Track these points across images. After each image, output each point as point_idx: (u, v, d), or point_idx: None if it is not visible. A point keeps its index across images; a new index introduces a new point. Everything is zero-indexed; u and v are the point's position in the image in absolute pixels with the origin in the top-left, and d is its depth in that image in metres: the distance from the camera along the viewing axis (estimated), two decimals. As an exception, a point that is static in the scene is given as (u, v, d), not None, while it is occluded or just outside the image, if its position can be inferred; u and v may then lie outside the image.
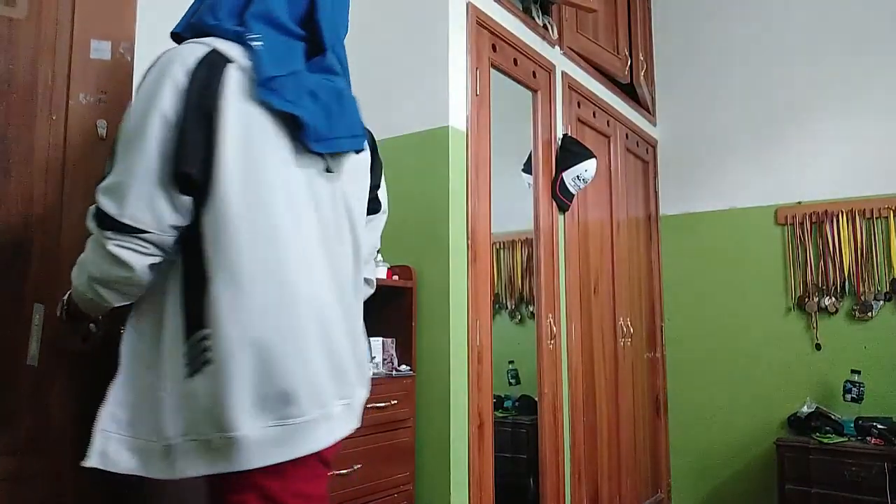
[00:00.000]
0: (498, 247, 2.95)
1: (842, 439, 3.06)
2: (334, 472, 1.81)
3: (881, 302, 3.29)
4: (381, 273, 2.15)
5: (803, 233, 3.50)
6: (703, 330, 3.76)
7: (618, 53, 3.52)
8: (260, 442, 0.95)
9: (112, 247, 0.97)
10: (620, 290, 3.35)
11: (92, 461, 0.98)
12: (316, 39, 1.09)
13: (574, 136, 2.94)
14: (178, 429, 0.96)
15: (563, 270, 2.84)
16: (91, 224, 1.00)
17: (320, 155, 1.08)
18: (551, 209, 2.80)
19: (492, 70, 2.48)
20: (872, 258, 3.32)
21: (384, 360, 2.15)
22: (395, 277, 2.20)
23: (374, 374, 2.07)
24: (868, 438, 3.01)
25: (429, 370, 2.18)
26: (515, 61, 2.63)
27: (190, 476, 0.97)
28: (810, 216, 3.49)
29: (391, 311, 2.24)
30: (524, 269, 3.00)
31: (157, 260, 1.00)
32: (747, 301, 3.63)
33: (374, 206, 1.29)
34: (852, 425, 3.13)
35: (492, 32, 2.48)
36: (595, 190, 3.14)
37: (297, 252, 1.02)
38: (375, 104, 2.47)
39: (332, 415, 1.03)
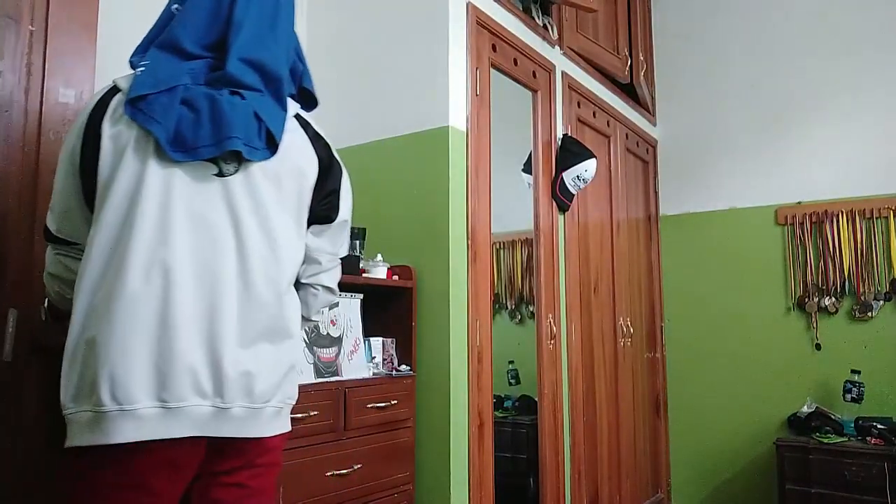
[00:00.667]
0: (498, 247, 2.95)
1: (842, 439, 3.06)
2: (333, 471, 1.82)
3: (881, 302, 3.29)
4: (381, 273, 2.15)
5: (803, 233, 3.50)
6: (703, 330, 3.76)
7: (618, 53, 3.52)
8: (79, 424, 1.04)
9: (49, 251, 1.25)
10: (620, 290, 3.35)
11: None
12: (221, 58, 1.17)
13: (574, 136, 2.94)
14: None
15: (563, 270, 2.84)
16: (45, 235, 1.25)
17: (213, 161, 1.13)
18: (551, 209, 2.80)
19: (492, 70, 2.48)
20: (872, 258, 3.32)
21: (384, 360, 2.16)
22: (395, 277, 2.20)
23: (374, 374, 2.08)
24: (868, 438, 3.01)
25: (429, 370, 2.18)
26: (515, 61, 2.63)
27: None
28: (810, 216, 3.49)
29: (391, 311, 2.24)
30: (524, 269, 3.00)
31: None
32: (747, 301, 3.63)
33: (326, 214, 1.30)
34: (852, 425, 3.13)
35: (492, 32, 2.48)
36: (595, 190, 3.14)
37: (141, 255, 1.07)
38: (375, 104, 2.48)
39: (140, 415, 1.03)
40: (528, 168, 2.78)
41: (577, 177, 2.82)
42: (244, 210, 1.14)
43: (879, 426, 3.02)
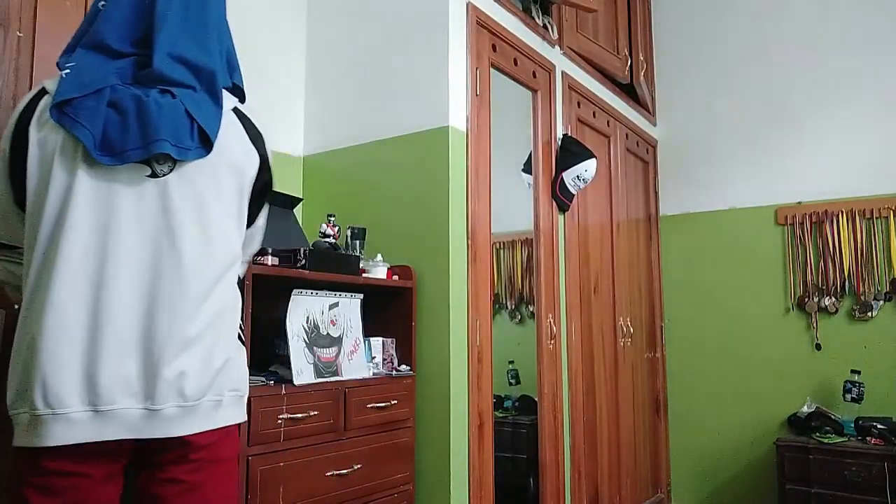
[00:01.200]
0: (498, 247, 2.95)
1: (842, 439, 3.06)
2: (333, 472, 1.82)
3: (881, 302, 3.29)
4: (382, 273, 2.15)
5: (803, 233, 3.50)
6: (703, 330, 3.76)
7: (618, 53, 3.52)
8: (20, 424, 1.07)
9: None
10: (620, 290, 3.35)
11: None
12: (149, 54, 1.15)
13: (574, 136, 2.94)
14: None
15: (563, 270, 2.84)
16: None
17: (145, 162, 1.12)
18: (551, 209, 2.80)
19: (492, 70, 2.48)
20: (872, 258, 3.32)
21: (384, 360, 2.16)
22: (395, 277, 2.20)
23: (374, 374, 2.08)
24: (868, 438, 3.01)
25: (429, 370, 2.18)
26: (515, 61, 2.63)
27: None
28: (810, 216, 3.49)
29: (391, 311, 2.24)
30: (524, 269, 3.00)
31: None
32: (747, 301, 3.63)
33: (249, 220, 1.29)
34: (852, 425, 3.12)
35: (492, 32, 2.48)
36: (595, 190, 3.14)
37: (71, 264, 1.07)
38: (375, 104, 2.48)
39: (70, 418, 1.05)
40: (528, 168, 2.78)
41: (577, 177, 2.82)
42: (181, 210, 1.13)
43: (879, 426, 3.02)
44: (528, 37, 2.73)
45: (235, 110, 1.24)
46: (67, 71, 1.12)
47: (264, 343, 1.89)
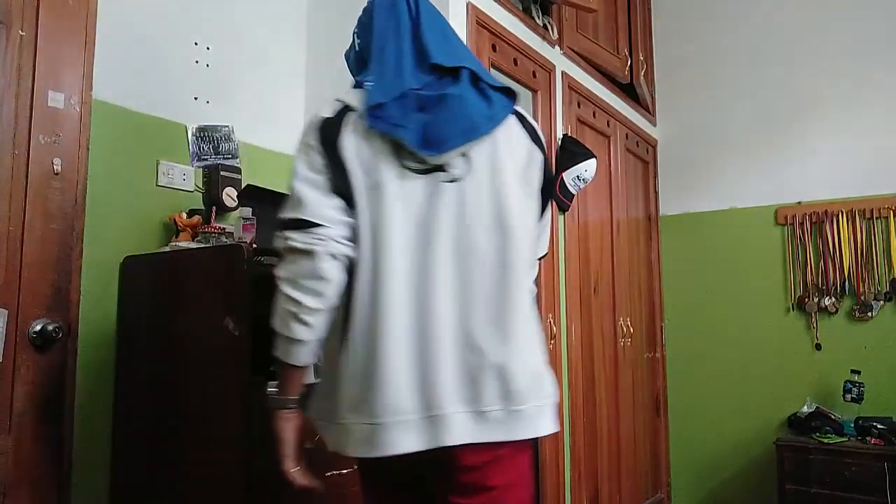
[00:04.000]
0: (498, 247, 2.95)
1: (842, 439, 3.06)
2: (333, 472, 1.81)
3: (881, 302, 3.29)
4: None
5: (803, 233, 3.50)
6: (703, 330, 3.76)
7: (618, 53, 3.52)
8: (355, 435, 1.14)
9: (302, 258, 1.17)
10: (620, 290, 3.35)
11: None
12: (430, 65, 1.25)
13: (574, 136, 2.94)
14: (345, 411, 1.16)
15: (563, 270, 2.84)
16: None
17: (440, 168, 1.19)
18: (551, 209, 2.80)
19: (492, 70, 2.48)
20: (872, 258, 3.32)
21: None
22: (395, 277, 2.19)
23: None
24: (868, 438, 3.01)
25: (429, 370, 2.18)
26: (515, 61, 2.63)
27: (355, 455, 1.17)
28: (810, 216, 3.49)
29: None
30: (524, 269, 2.99)
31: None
32: (747, 301, 3.63)
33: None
34: (852, 425, 3.12)
35: (492, 32, 2.48)
36: (595, 190, 3.14)
37: (398, 263, 1.13)
38: (375, 104, 2.47)
39: (409, 423, 1.11)
40: (528, 168, 2.77)
41: (577, 177, 2.81)
42: (480, 212, 1.18)
43: (879, 426, 3.02)
44: (528, 37, 2.73)
45: (514, 111, 1.33)
46: (371, 83, 1.22)
47: (264, 343, 1.89)
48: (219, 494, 1.56)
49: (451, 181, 1.18)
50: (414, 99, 1.20)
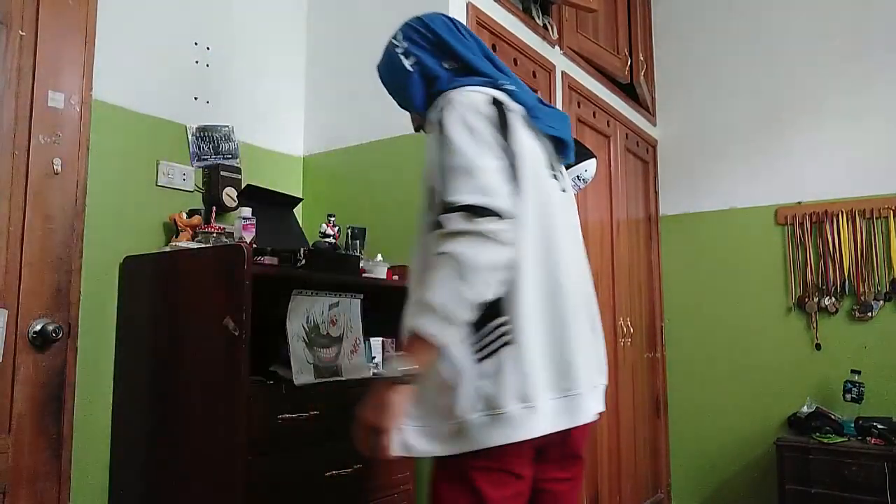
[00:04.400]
0: (498, 247, 2.95)
1: (842, 439, 3.06)
2: (333, 472, 1.82)
3: (881, 302, 3.29)
4: (382, 273, 2.15)
5: (803, 233, 3.50)
6: (703, 330, 3.76)
7: (618, 53, 3.52)
8: (548, 412, 1.17)
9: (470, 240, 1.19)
10: (620, 290, 3.35)
11: (396, 451, 1.19)
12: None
13: (574, 136, 2.94)
14: (473, 406, 1.14)
15: (563, 270, 2.84)
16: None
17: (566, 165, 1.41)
18: (551, 209, 2.80)
19: (492, 70, 2.48)
20: (872, 258, 3.32)
21: (384, 360, 2.15)
22: (395, 277, 2.20)
23: (374, 373, 2.08)
24: (868, 438, 3.01)
25: (429, 370, 2.18)
26: (515, 61, 2.63)
27: (482, 447, 1.14)
28: (810, 216, 3.49)
29: (391, 311, 2.20)
30: (524, 269, 2.99)
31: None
32: (747, 301, 3.63)
33: None
34: (852, 425, 3.12)
35: (492, 32, 2.48)
36: (595, 190, 3.14)
37: (563, 251, 1.26)
38: (376, 104, 2.46)
39: (590, 393, 1.25)
40: (528, 168, 2.78)
41: (578, 177, 2.80)
42: (573, 215, 1.40)
43: (879, 426, 3.02)
44: (528, 37, 2.73)
45: None
46: (510, 85, 1.30)
47: (264, 343, 1.89)
48: (219, 494, 1.57)
49: (555, 180, 1.37)
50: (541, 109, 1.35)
